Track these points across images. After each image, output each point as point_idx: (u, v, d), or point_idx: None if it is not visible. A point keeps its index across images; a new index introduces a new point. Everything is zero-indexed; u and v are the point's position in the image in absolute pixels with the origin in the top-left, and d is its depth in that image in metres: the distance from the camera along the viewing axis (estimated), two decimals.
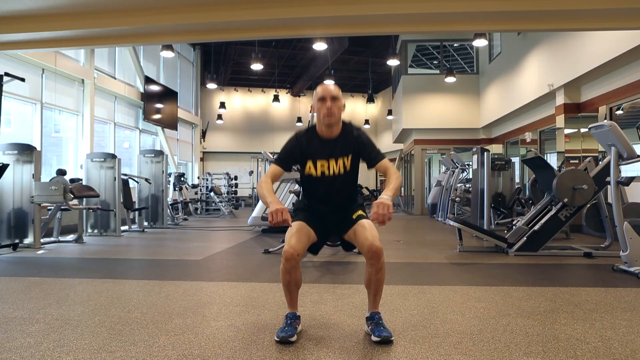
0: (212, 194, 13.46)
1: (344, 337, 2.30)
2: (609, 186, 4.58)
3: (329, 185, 2.35)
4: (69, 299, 3.12)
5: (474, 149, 7.91)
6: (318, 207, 2.39)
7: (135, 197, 9.22)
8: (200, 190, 13.85)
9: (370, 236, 2.19)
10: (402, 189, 16.33)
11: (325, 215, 2.36)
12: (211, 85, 14.81)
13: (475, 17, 5.12)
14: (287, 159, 2.37)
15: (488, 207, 7.19)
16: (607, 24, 5.06)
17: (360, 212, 2.36)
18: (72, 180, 6.93)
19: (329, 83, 2.40)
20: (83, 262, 4.98)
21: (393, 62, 12.10)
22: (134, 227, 8.61)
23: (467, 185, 9.67)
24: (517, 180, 9.32)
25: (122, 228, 7.94)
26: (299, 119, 19.28)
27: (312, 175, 2.35)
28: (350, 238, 2.31)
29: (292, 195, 8.28)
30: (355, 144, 2.34)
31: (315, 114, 2.36)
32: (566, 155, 7.81)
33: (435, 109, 12.69)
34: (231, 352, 2.09)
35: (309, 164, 2.34)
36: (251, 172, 15.26)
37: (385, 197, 2.08)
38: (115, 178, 7.69)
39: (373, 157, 2.34)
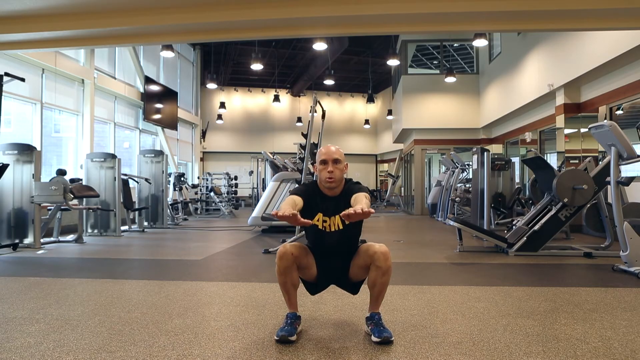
0: (212, 194, 13.46)
1: (344, 337, 2.30)
2: (609, 186, 4.58)
3: (330, 239, 2.39)
4: (69, 299, 3.12)
5: (474, 149, 7.91)
6: (321, 253, 2.41)
7: (135, 197, 9.22)
8: (200, 190, 13.85)
9: (376, 244, 2.27)
10: (402, 189, 16.35)
11: (328, 263, 2.39)
12: (211, 85, 14.81)
13: (475, 17, 5.12)
14: (302, 192, 2.38)
15: (488, 207, 7.19)
16: (607, 24, 5.06)
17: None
18: (72, 180, 6.93)
19: (332, 146, 2.42)
20: (83, 262, 4.98)
21: (393, 62, 12.11)
22: (134, 227, 8.61)
23: (467, 185, 9.67)
24: (517, 180, 9.31)
25: (122, 228, 7.94)
26: (299, 119, 19.28)
27: (318, 227, 2.39)
28: (354, 264, 2.34)
29: None
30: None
31: (317, 174, 2.41)
32: (566, 155, 7.81)
33: (435, 109, 12.69)
34: (231, 352, 2.09)
35: (319, 215, 2.38)
36: (251, 172, 15.26)
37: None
38: (115, 178, 7.69)
39: (356, 191, 2.31)
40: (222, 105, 17.63)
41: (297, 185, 2.34)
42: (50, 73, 8.27)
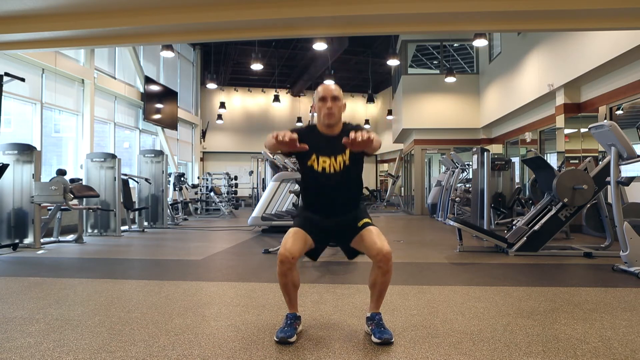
0: (212, 194, 13.46)
1: (344, 337, 2.30)
2: (609, 186, 4.58)
3: (328, 182, 2.30)
4: (69, 299, 3.12)
5: (474, 149, 7.90)
6: (319, 211, 2.34)
7: (135, 197, 9.21)
8: (200, 190, 13.85)
9: (379, 240, 2.20)
10: (402, 189, 16.35)
11: (326, 224, 2.32)
12: (211, 85, 14.81)
13: (475, 17, 5.12)
14: (299, 131, 2.31)
15: (488, 207, 7.19)
16: (607, 24, 5.06)
17: (366, 219, 2.32)
18: (72, 180, 6.93)
19: (330, 83, 2.39)
20: (83, 262, 4.98)
21: (393, 62, 12.10)
22: (134, 227, 8.60)
23: (467, 185, 9.67)
24: (517, 180, 9.31)
25: (122, 228, 7.94)
26: (299, 119, 19.28)
27: (314, 168, 2.30)
28: (356, 244, 2.30)
29: (292, 195, 8.28)
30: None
31: (315, 113, 2.35)
32: (566, 155, 7.81)
33: (435, 109, 12.69)
34: (231, 352, 2.09)
35: (313, 157, 2.30)
36: (251, 172, 15.24)
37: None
38: (115, 178, 7.68)
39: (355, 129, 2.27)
40: (222, 105, 17.63)
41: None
42: (50, 73, 8.27)
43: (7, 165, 5.56)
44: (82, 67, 9.31)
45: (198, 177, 16.51)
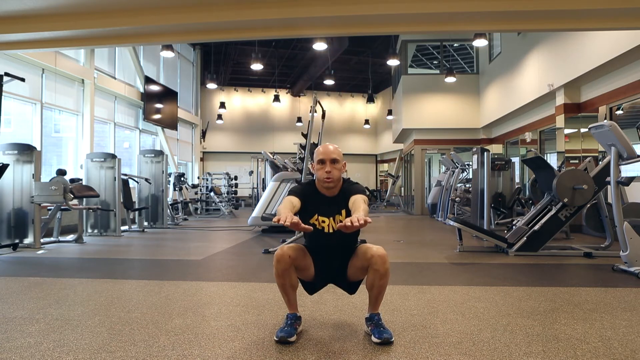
0: (212, 194, 13.46)
1: (344, 337, 2.30)
2: (609, 186, 4.58)
3: (328, 240, 2.37)
4: (69, 299, 3.12)
5: (474, 149, 7.90)
6: (319, 253, 2.40)
7: (135, 197, 9.21)
8: (200, 190, 13.85)
9: (374, 246, 2.24)
10: (402, 189, 16.36)
11: (326, 262, 2.37)
12: (211, 85, 14.82)
13: (475, 17, 5.12)
14: (300, 193, 2.35)
15: (488, 207, 7.19)
16: (607, 24, 5.06)
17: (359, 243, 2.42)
18: (72, 180, 6.93)
19: (330, 144, 2.38)
20: (83, 262, 4.98)
21: (393, 62, 12.11)
22: (134, 227, 8.61)
23: (467, 185, 9.67)
24: (517, 180, 9.31)
25: (122, 228, 7.94)
26: (299, 119, 19.28)
27: (316, 227, 2.36)
28: (352, 265, 2.33)
29: None
30: (348, 198, 2.30)
31: (315, 171, 2.38)
32: (566, 155, 7.81)
33: (435, 109, 12.70)
34: (231, 352, 2.09)
35: (315, 216, 2.36)
36: (251, 172, 15.26)
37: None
38: (115, 178, 7.69)
39: (354, 192, 2.29)
40: (222, 105, 17.63)
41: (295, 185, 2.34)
42: (50, 73, 8.27)
43: (7, 165, 5.56)
44: (82, 67, 9.31)
45: (198, 177, 16.51)
